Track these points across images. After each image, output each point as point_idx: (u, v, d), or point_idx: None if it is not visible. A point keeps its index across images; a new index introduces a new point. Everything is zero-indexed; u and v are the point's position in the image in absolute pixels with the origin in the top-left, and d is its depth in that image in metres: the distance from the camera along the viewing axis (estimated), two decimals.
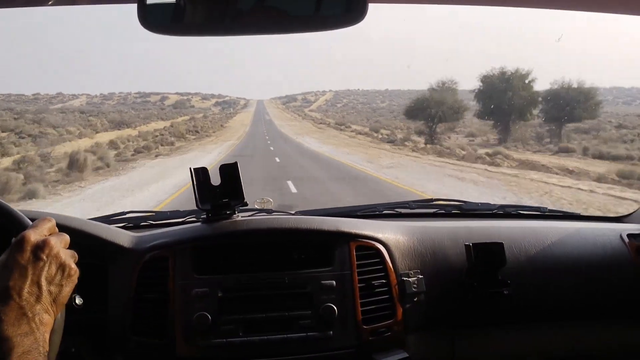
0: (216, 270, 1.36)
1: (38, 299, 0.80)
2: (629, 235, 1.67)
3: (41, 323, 0.79)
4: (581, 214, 2.08)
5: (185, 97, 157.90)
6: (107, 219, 1.71)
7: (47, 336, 0.80)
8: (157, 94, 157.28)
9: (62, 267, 0.84)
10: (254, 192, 2.22)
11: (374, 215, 1.86)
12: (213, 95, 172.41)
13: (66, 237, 0.89)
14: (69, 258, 0.87)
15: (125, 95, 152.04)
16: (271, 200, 1.92)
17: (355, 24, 0.93)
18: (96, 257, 1.37)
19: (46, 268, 0.82)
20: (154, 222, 1.76)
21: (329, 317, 1.31)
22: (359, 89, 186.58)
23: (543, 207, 1.99)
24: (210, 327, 1.28)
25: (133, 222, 1.75)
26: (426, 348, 1.48)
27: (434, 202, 2.03)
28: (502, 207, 1.96)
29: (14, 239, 0.83)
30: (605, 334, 1.62)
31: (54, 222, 0.90)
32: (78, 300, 1.11)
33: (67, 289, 0.86)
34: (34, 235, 0.83)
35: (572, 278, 1.57)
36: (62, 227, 1.33)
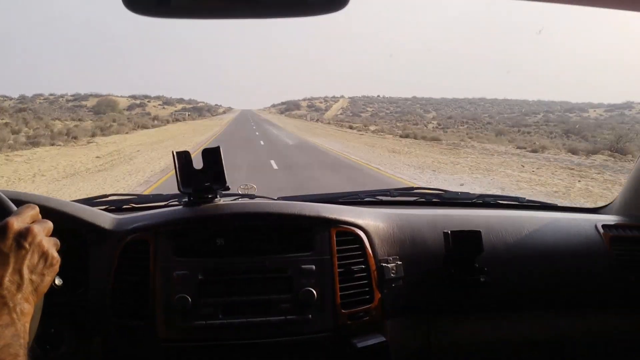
0: (197, 253, 1.37)
1: (19, 288, 0.79)
2: (603, 226, 1.71)
3: (22, 313, 0.77)
4: (558, 205, 2.13)
5: (138, 101, 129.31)
6: (89, 202, 1.71)
7: (27, 327, 0.79)
8: (98, 95, 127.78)
9: (44, 255, 0.84)
10: None
11: (355, 202, 1.87)
12: (182, 100, 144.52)
13: (49, 225, 0.88)
14: (52, 247, 0.86)
15: (57, 98, 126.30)
16: (255, 186, 1.93)
17: (341, 8, 0.94)
18: (77, 239, 1.36)
19: (28, 256, 0.81)
20: (135, 205, 1.76)
21: (308, 301, 1.33)
22: (379, 96, 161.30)
23: (521, 197, 2.03)
24: (190, 310, 1.30)
25: (115, 205, 1.74)
26: (403, 333, 1.51)
27: (415, 191, 2.06)
28: (481, 196, 1.99)
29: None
30: (579, 322, 1.66)
31: (37, 209, 0.89)
32: (57, 281, 1.11)
33: (48, 279, 0.85)
34: (17, 223, 0.82)
35: (548, 267, 1.60)
36: (44, 209, 1.32)
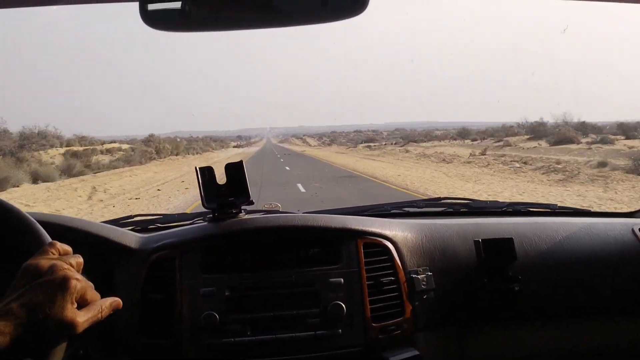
0: (223, 269, 1.35)
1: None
2: None
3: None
4: (592, 210, 2.06)
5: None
6: (115, 223, 1.71)
7: None
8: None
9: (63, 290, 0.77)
10: None
11: (382, 215, 1.84)
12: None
13: (79, 260, 0.85)
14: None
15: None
16: (279, 205, 1.92)
17: (359, 13, 0.94)
18: (103, 258, 1.36)
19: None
20: (161, 225, 1.76)
21: (337, 315, 1.30)
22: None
23: (553, 204, 1.97)
24: (217, 327, 1.28)
25: (141, 225, 1.75)
26: (436, 346, 1.46)
27: (442, 201, 2.02)
28: (511, 204, 1.94)
29: (29, 264, 0.78)
30: (617, 330, 1.59)
31: (70, 251, 0.85)
32: None
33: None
34: (44, 261, 0.78)
35: (584, 273, 1.54)
36: (71, 229, 1.35)
